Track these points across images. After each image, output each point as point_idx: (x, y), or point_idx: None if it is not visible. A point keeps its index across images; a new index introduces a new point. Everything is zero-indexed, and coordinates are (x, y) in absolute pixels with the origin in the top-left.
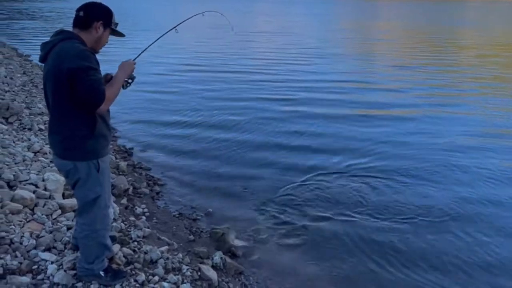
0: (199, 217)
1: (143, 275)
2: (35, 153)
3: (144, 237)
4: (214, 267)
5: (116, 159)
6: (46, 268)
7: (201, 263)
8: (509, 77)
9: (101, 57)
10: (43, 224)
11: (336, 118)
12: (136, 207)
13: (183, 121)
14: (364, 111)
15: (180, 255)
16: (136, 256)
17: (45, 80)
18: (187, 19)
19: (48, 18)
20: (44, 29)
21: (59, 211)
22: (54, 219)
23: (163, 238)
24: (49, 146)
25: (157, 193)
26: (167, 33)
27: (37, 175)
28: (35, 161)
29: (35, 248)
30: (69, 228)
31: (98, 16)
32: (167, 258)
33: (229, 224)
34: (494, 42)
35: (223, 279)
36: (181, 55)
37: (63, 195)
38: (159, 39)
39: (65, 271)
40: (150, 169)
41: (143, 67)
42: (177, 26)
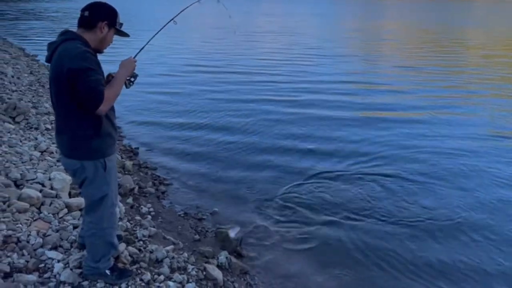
0: (204, 217)
1: (148, 274)
2: (41, 152)
3: (149, 236)
4: (219, 266)
5: (122, 158)
6: (52, 267)
7: (206, 262)
8: None
9: (106, 57)
10: (49, 222)
11: (342, 120)
12: (142, 206)
13: (189, 122)
14: (370, 113)
15: (185, 254)
16: (141, 255)
17: (50, 80)
18: (184, 8)
19: (55, 18)
20: (50, 29)
21: (66, 210)
22: (61, 218)
23: (168, 237)
24: (56, 145)
25: (163, 193)
26: (165, 26)
27: (43, 174)
28: (42, 160)
29: (41, 246)
30: (75, 227)
31: (103, 16)
32: (173, 258)
33: (234, 224)
34: (502, 42)
35: (229, 278)
36: (185, 55)
37: (69, 194)
38: (158, 32)
39: (71, 269)
40: (155, 168)
41: (147, 67)
42: (175, 17)
